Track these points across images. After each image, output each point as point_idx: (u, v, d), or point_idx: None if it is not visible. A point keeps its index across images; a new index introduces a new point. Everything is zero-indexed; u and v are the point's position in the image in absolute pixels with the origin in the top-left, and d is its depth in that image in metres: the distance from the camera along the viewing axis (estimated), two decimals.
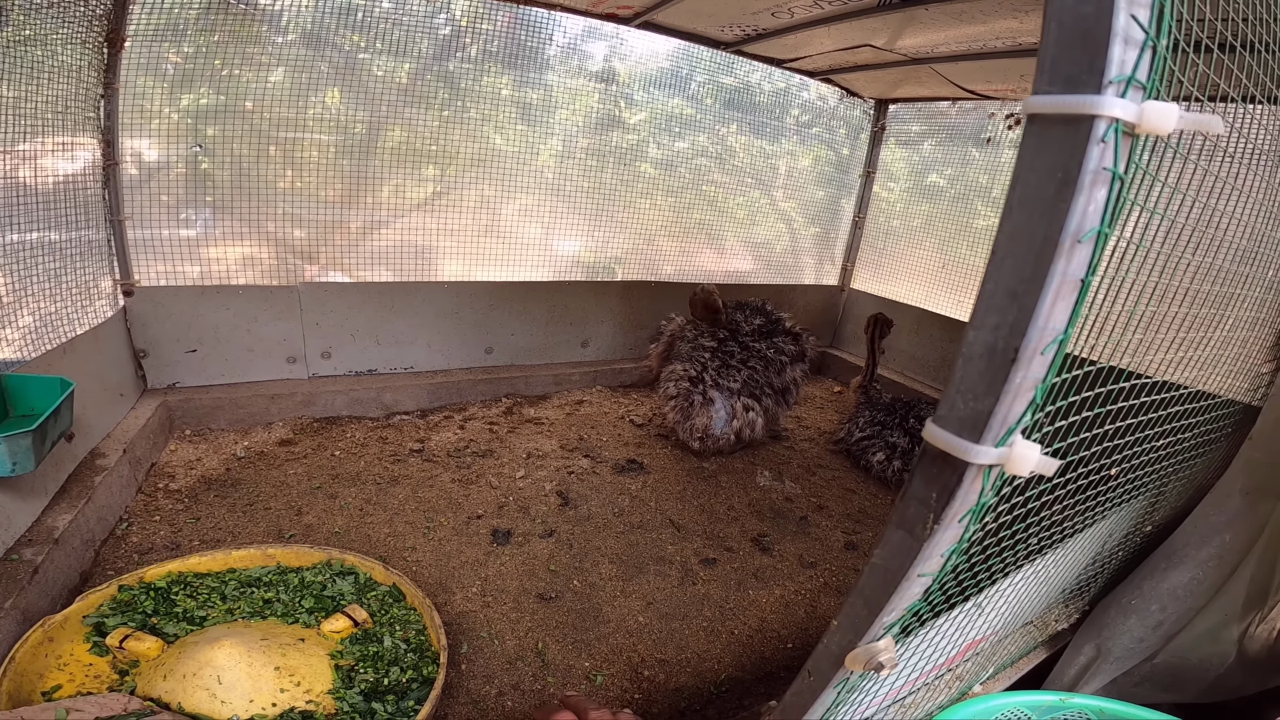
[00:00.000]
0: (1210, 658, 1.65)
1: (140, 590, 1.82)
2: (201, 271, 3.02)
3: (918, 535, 0.68)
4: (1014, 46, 3.18)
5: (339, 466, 2.82)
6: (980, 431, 0.60)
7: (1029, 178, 0.58)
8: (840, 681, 0.84)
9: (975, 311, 0.60)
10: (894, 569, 0.71)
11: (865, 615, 0.76)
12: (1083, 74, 0.52)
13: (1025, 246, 0.57)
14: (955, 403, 0.62)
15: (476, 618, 2.04)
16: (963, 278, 4.40)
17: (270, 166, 3.04)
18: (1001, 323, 0.57)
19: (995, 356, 0.58)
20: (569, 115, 3.77)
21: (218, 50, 2.80)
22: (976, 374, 0.60)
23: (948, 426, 0.62)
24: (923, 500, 0.67)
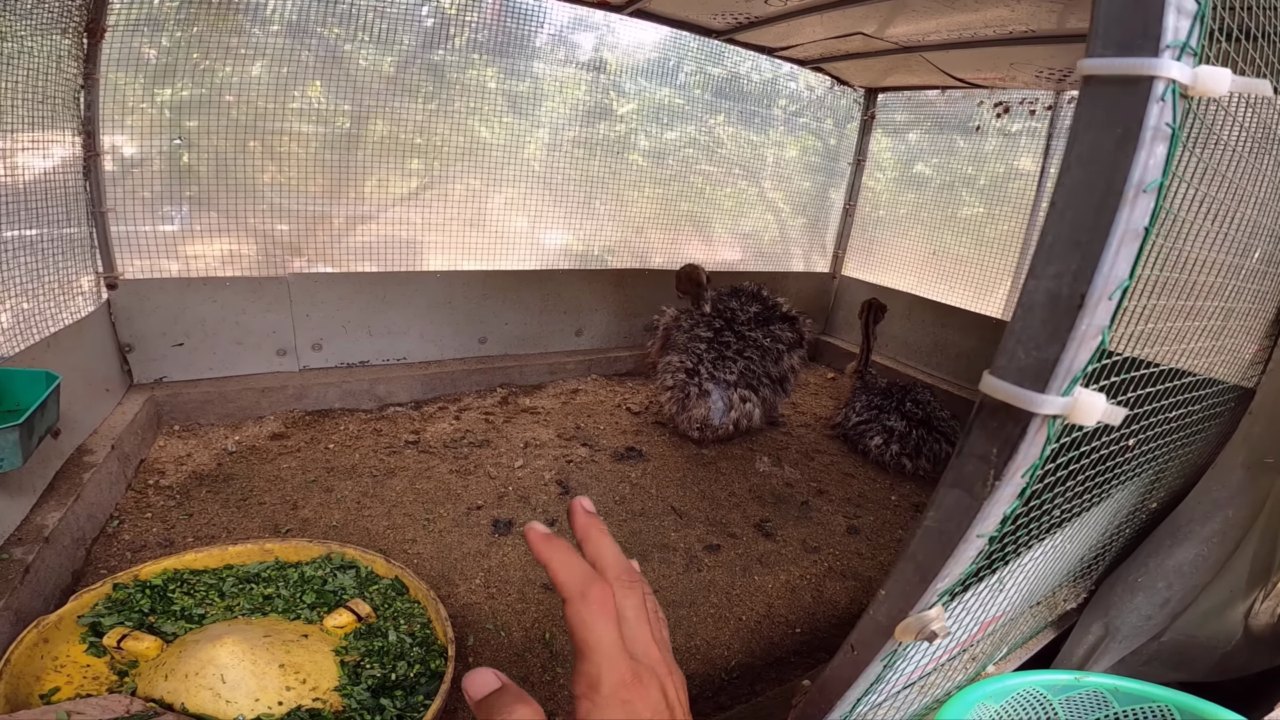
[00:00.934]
0: (1217, 635, 1.67)
1: (135, 589, 1.77)
2: (184, 268, 2.95)
3: (977, 493, 0.66)
4: (1004, 35, 3.18)
5: (333, 460, 2.77)
6: (1045, 380, 0.59)
7: (1086, 136, 0.58)
8: (887, 655, 0.82)
9: (1035, 262, 0.58)
10: (950, 531, 0.70)
11: (917, 582, 0.75)
12: (1137, 39, 0.54)
13: (1086, 198, 0.56)
14: (1015, 353, 0.60)
15: (481, 609, 2.02)
16: (952, 264, 4.42)
17: (252, 160, 2.97)
18: (1064, 270, 0.56)
19: (1059, 304, 0.57)
20: (557, 106, 3.72)
21: (198, 42, 2.73)
22: (1038, 322, 0.58)
23: (1008, 377, 0.61)
24: (982, 456, 0.65)
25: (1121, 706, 1.44)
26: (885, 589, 0.79)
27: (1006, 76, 3.76)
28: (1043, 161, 3.97)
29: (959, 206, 4.46)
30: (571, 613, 0.43)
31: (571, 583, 0.44)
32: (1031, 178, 4.02)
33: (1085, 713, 1.45)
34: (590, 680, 0.42)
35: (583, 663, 0.43)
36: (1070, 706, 1.47)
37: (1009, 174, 4.16)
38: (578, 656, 0.43)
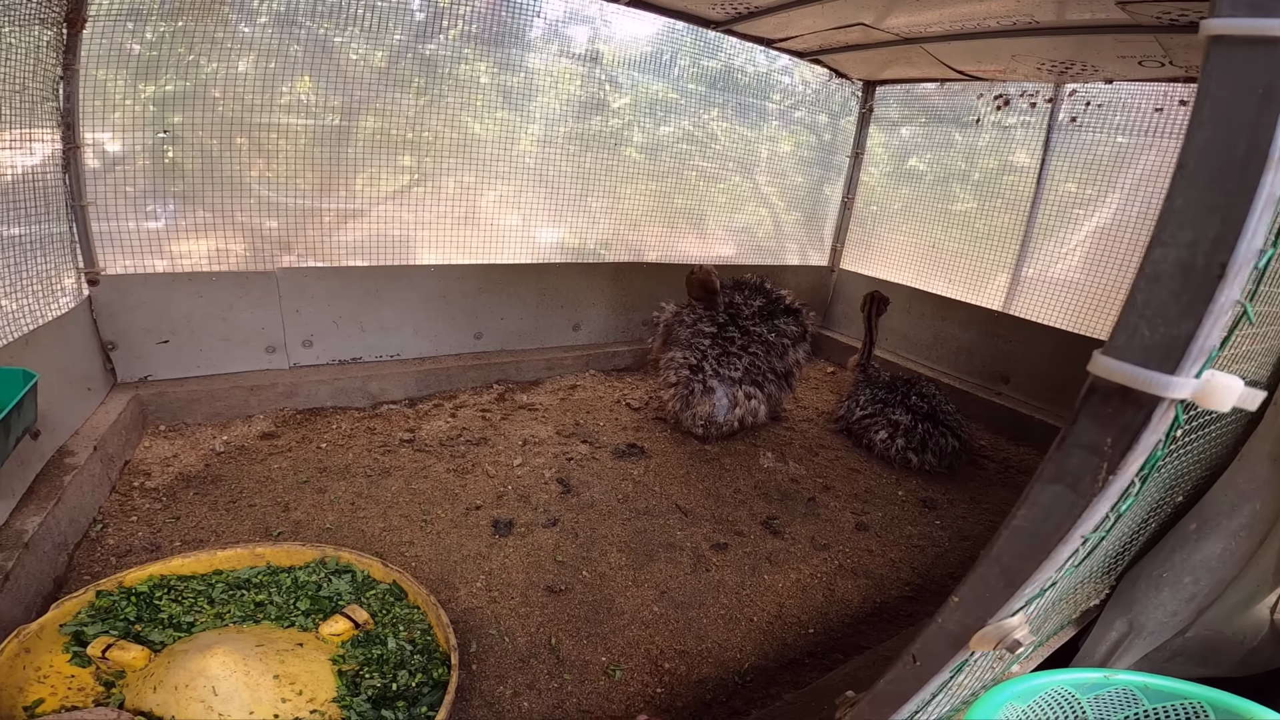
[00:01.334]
0: (1243, 630, 1.62)
1: (120, 596, 1.70)
2: (170, 265, 2.86)
3: (1084, 489, 0.59)
4: (1009, 26, 3.14)
5: (326, 459, 2.69)
6: (1175, 360, 0.52)
7: (1219, 94, 0.52)
8: (957, 665, 0.76)
9: (1162, 227, 0.52)
10: (1046, 532, 0.63)
11: (1001, 587, 0.68)
12: (1270, 1, 0.50)
13: (1224, 160, 0.50)
14: (1138, 329, 0.54)
15: (483, 614, 1.95)
16: (951, 257, 4.40)
17: (240, 155, 2.89)
18: (1200, 238, 0.50)
19: (1194, 274, 0.50)
20: (550, 100, 3.65)
21: (183, 36, 2.64)
22: (1168, 295, 0.52)
23: (1129, 357, 0.54)
24: (1091, 447, 0.58)
25: (1152, 704, 1.40)
26: (959, 595, 0.73)
27: (1007, 69, 3.73)
28: (1042, 154, 3.94)
29: (957, 200, 4.43)
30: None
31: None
32: (1028, 171, 3.99)
33: (1114, 711, 1.41)
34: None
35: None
36: (1099, 705, 1.42)
37: (1006, 167, 4.12)
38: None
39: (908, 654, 0.80)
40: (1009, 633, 0.69)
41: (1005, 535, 0.66)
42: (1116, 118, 3.61)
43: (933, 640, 0.76)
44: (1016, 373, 3.93)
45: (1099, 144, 3.69)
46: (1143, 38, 2.86)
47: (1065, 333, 3.71)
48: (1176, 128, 3.38)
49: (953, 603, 0.73)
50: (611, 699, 1.70)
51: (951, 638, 0.73)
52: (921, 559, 2.47)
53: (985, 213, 4.23)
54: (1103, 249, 3.69)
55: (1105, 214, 3.75)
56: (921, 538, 2.61)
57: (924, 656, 0.78)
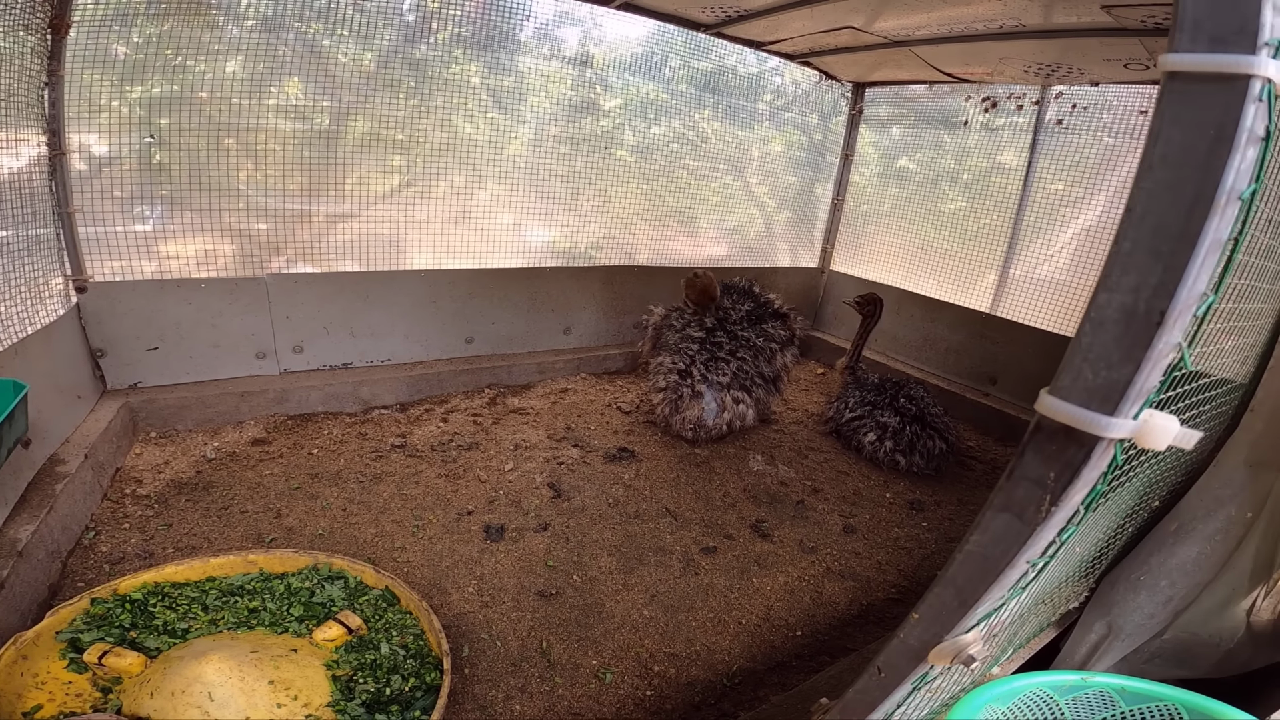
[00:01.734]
0: (1219, 632, 1.66)
1: (114, 603, 1.71)
2: (159, 269, 2.85)
3: (1029, 519, 0.62)
4: (995, 30, 3.17)
5: (318, 465, 2.70)
6: (1115, 403, 0.55)
7: (1172, 134, 0.54)
8: (918, 678, 0.79)
9: (1108, 272, 0.54)
10: (995, 556, 0.66)
11: (955, 607, 0.71)
12: (1232, 35, 0.51)
13: (1172, 203, 0.52)
14: (1082, 372, 0.56)
15: (475, 619, 1.97)
16: (940, 259, 4.43)
17: (228, 158, 2.88)
18: (1143, 283, 0.52)
19: (1135, 320, 0.53)
20: (541, 102, 3.65)
21: (170, 39, 2.64)
22: (1111, 340, 0.54)
23: (1072, 398, 0.57)
24: (1037, 480, 0.61)
25: (1128, 706, 1.43)
26: (918, 613, 0.75)
27: (994, 71, 3.76)
28: (1028, 156, 3.98)
29: (945, 201, 4.46)
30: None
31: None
32: (1015, 172, 4.03)
33: (1092, 713, 1.44)
34: None
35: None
36: (1077, 707, 1.46)
37: (993, 169, 4.16)
38: None
39: (874, 666, 0.83)
40: (964, 648, 0.71)
41: (959, 559, 0.69)
42: (1102, 120, 3.65)
43: (895, 654, 0.79)
44: (1004, 374, 3.97)
45: (1085, 146, 3.73)
46: (1127, 41, 2.89)
47: (1052, 334, 3.75)
48: None
49: (913, 619, 0.76)
50: (602, 702, 1.73)
51: (912, 652, 0.76)
52: (908, 561, 2.50)
53: (973, 213, 4.27)
54: (1088, 250, 3.73)
55: (1091, 215, 3.79)
56: (908, 540, 2.64)
57: (888, 669, 0.81)
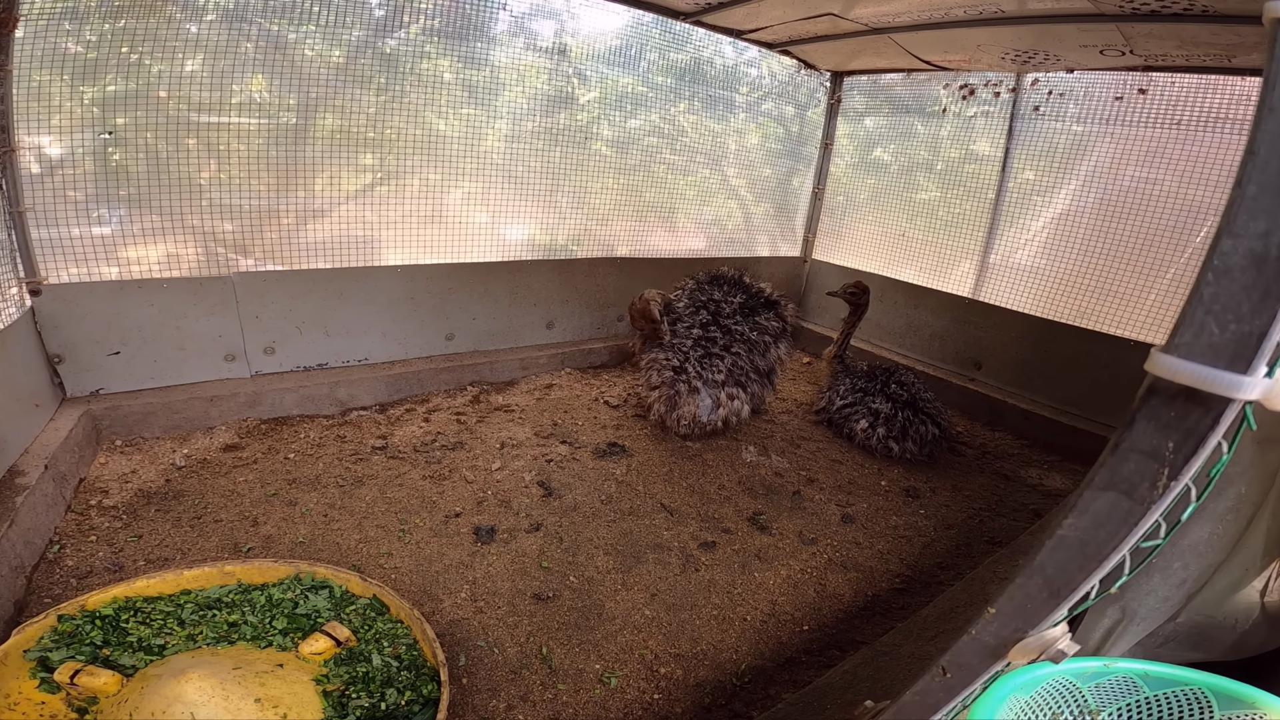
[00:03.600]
0: (1234, 614, 1.64)
1: (83, 619, 1.62)
2: (122, 272, 2.72)
3: (1141, 496, 0.56)
4: (974, 16, 3.16)
5: (295, 470, 2.58)
6: (1248, 359, 0.49)
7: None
8: (992, 677, 0.73)
9: (1232, 218, 0.48)
10: (1098, 541, 0.59)
11: (1045, 598, 0.65)
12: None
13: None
14: (1205, 326, 0.50)
15: (470, 625, 1.88)
16: (921, 246, 4.44)
17: (191, 157, 2.75)
18: (1274, 227, 0.46)
19: (1268, 266, 0.47)
20: (517, 96, 3.56)
21: (126, 35, 2.51)
22: (1239, 289, 0.48)
23: (1195, 356, 0.50)
24: (1151, 452, 0.55)
25: (1152, 691, 1.40)
26: (996, 606, 0.69)
27: (972, 58, 3.75)
28: (1005, 143, 3.99)
29: (923, 189, 4.46)
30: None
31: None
32: (993, 159, 4.04)
33: (1116, 699, 1.41)
34: None
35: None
36: (1100, 693, 1.42)
37: (970, 156, 4.17)
38: None
39: (936, 666, 0.76)
40: (1052, 644, 0.65)
41: (1050, 545, 0.63)
42: (1078, 107, 3.67)
43: (966, 652, 0.73)
44: (988, 358, 3.98)
45: (1061, 132, 3.75)
46: (1105, 26, 2.89)
47: (1033, 317, 3.76)
48: (1137, 116, 3.44)
49: (989, 614, 0.69)
50: (609, 708, 1.65)
51: (988, 649, 0.70)
52: (909, 549, 2.47)
53: (953, 200, 4.28)
54: (1064, 235, 3.76)
55: (1066, 200, 3.81)
56: (907, 528, 2.61)
57: (955, 669, 0.74)
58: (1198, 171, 3.22)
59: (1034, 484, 3.06)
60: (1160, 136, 3.37)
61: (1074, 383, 3.58)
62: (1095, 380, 3.49)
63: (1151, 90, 3.35)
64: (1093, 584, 0.62)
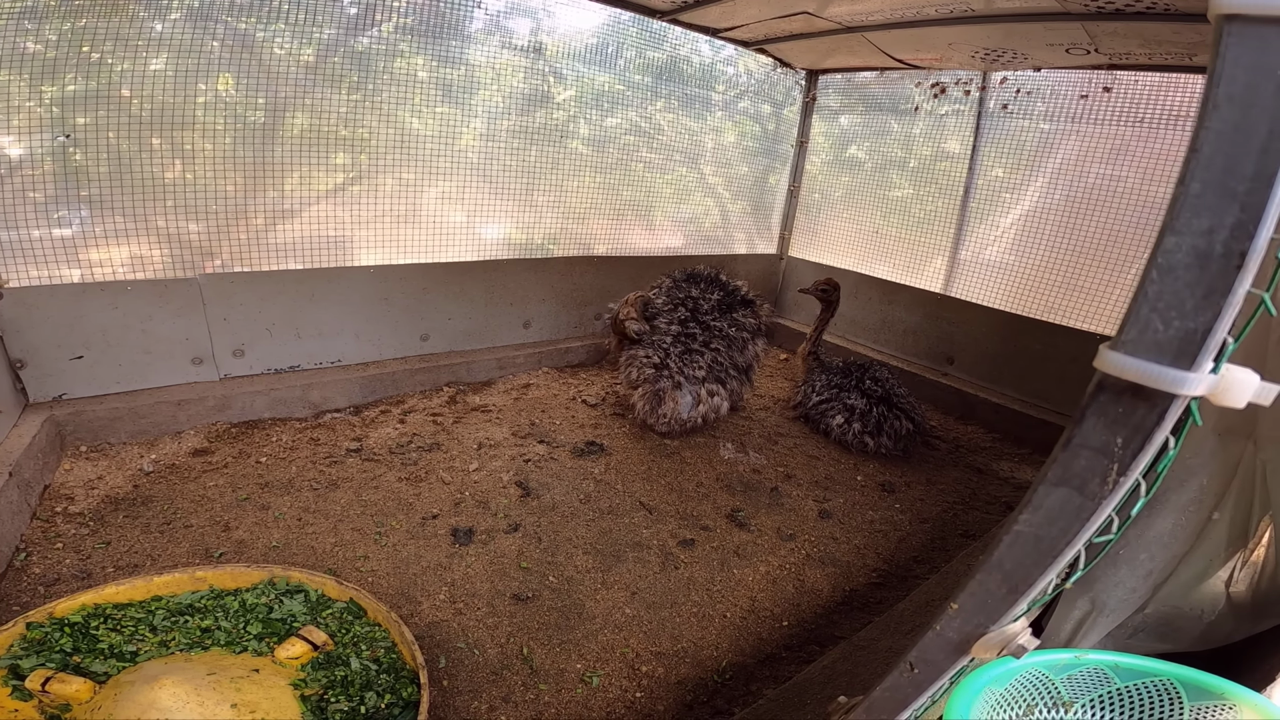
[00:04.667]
0: (1200, 605, 1.68)
1: (52, 627, 1.58)
2: (85, 274, 2.65)
3: (1092, 492, 0.57)
4: (945, 14, 3.20)
5: (267, 474, 2.53)
6: (1191, 356, 0.50)
7: (1235, 74, 0.49)
8: (957, 672, 0.74)
9: (1176, 215, 0.49)
10: (1051, 536, 0.61)
11: (1004, 594, 0.66)
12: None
13: (1243, 143, 0.47)
14: (1150, 323, 0.51)
15: (449, 627, 1.86)
16: (893, 242, 4.50)
17: (157, 157, 2.69)
18: (1217, 225, 0.47)
19: (1211, 263, 0.48)
20: (493, 94, 3.53)
21: (88, 35, 2.45)
22: (1183, 286, 0.49)
23: (1141, 353, 0.52)
24: (1100, 448, 0.56)
25: (1123, 682, 1.42)
26: (958, 602, 0.70)
27: (943, 57, 3.80)
28: (973, 141, 4.05)
29: (897, 186, 4.52)
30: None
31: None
32: (961, 157, 4.10)
33: (1088, 690, 1.43)
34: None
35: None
36: (1072, 684, 1.45)
37: (941, 154, 4.23)
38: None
39: (904, 662, 0.78)
40: (1013, 639, 0.67)
41: (1006, 541, 0.64)
42: (1045, 105, 3.74)
43: (931, 648, 0.74)
44: (961, 353, 4.04)
45: (1028, 130, 3.82)
46: (1070, 25, 2.95)
47: (1002, 313, 3.83)
48: (1101, 114, 3.52)
49: (951, 609, 0.70)
50: (591, 707, 1.65)
51: (952, 645, 0.71)
52: (885, 544, 2.50)
53: (922, 198, 4.34)
54: (1031, 232, 3.83)
55: (1034, 198, 3.89)
56: (883, 522, 2.64)
57: (922, 664, 0.75)
58: (1160, 169, 3.30)
59: (1006, 477, 3.12)
60: (1124, 134, 3.44)
61: (1042, 376, 3.65)
62: (1063, 374, 3.57)
63: (1116, 89, 3.42)
64: (1049, 579, 0.63)
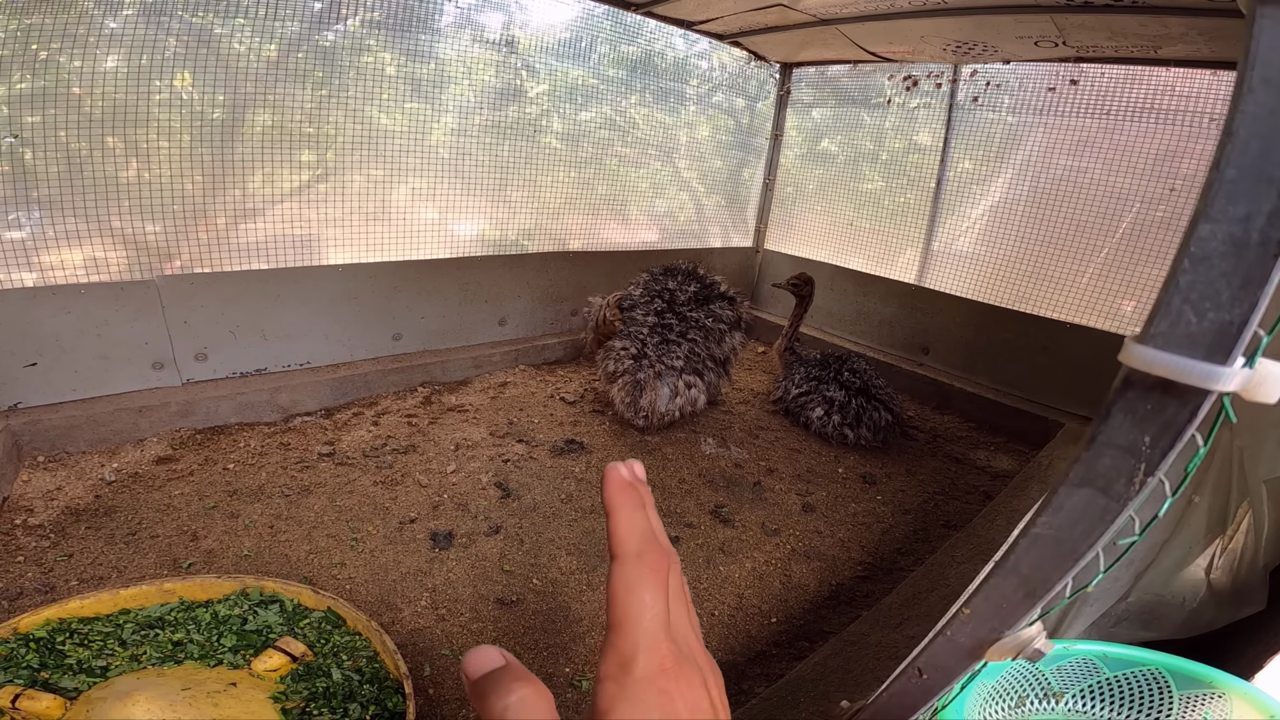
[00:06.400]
0: (1182, 592, 1.70)
1: (16, 643, 1.51)
2: (40, 279, 2.53)
3: (1118, 494, 0.55)
4: (918, 7, 3.21)
5: (236, 481, 2.45)
6: (1227, 350, 0.48)
7: (1272, 57, 0.47)
8: (968, 677, 0.72)
9: (1210, 202, 0.47)
10: (1073, 539, 0.58)
11: (1020, 599, 0.63)
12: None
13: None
14: (1182, 315, 0.49)
15: (433, 634, 1.81)
16: (868, 235, 4.53)
17: (113, 157, 2.59)
18: (1255, 211, 0.45)
19: (1248, 252, 0.46)
20: (464, 90, 3.45)
21: (37, 33, 2.35)
22: (1217, 275, 0.47)
23: (1171, 346, 0.49)
24: (1128, 448, 0.54)
25: (1112, 672, 1.43)
26: (970, 607, 0.67)
27: (915, 49, 3.82)
28: (944, 134, 4.08)
29: (869, 179, 4.55)
30: (619, 574, 0.36)
31: (630, 538, 0.37)
32: (933, 150, 4.14)
33: (1078, 680, 1.44)
34: (623, 659, 0.34)
35: (617, 636, 0.35)
36: (1062, 675, 1.46)
37: (912, 147, 4.27)
38: (612, 629, 0.35)
39: (913, 667, 0.75)
40: (1029, 643, 0.64)
41: (1024, 544, 0.61)
42: (1012, 98, 3.78)
43: (941, 654, 0.71)
44: (935, 343, 4.08)
45: (997, 123, 3.87)
46: (1039, 18, 2.98)
47: (975, 302, 3.88)
48: (1068, 107, 3.57)
49: (963, 615, 0.68)
50: (581, 711, 1.62)
51: (964, 651, 0.69)
52: (869, 536, 2.50)
53: (894, 190, 4.38)
54: (1001, 223, 3.88)
55: (1003, 189, 3.94)
56: (866, 515, 2.65)
57: (931, 670, 0.73)
58: (1124, 160, 3.36)
59: (983, 465, 3.15)
60: (1090, 126, 3.50)
61: (1014, 365, 3.71)
62: (1034, 362, 3.62)
63: (1082, 81, 3.48)
64: (1066, 582, 0.61)
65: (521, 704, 0.33)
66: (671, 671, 0.35)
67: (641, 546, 0.37)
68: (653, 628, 0.35)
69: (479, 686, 0.35)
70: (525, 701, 0.33)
